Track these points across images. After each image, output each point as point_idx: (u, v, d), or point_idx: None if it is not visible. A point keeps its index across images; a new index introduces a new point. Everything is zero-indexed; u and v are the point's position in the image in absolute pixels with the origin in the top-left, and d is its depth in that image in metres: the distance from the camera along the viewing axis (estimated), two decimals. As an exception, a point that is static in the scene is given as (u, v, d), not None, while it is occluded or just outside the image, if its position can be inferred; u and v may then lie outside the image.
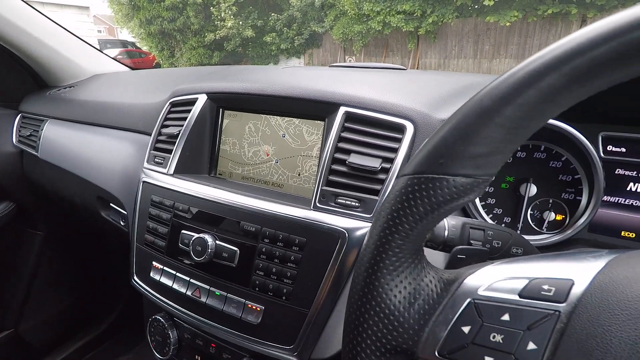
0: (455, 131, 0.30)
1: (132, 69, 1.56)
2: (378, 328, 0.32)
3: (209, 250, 0.64)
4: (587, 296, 0.28)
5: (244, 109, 0.80)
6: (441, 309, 0.32)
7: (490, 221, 0.68)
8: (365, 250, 0.34)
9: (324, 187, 0.62)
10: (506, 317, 0.29)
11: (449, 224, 0.46)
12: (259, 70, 0.91)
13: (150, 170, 0.81)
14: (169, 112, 0.86)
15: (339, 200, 0.60)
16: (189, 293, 0.69)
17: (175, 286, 0.71)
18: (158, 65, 13.83)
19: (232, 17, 12.21)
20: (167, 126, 0.84)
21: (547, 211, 0.65)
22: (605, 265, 0.29)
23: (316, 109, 0.69)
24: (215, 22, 12.49)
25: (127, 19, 13.33)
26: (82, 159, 1.07)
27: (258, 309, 0.62)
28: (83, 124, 1.14)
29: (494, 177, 0.32)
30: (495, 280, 0.31)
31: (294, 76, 0.79)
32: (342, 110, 0.64)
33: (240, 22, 12.40)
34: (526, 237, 0.64)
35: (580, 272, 0.30)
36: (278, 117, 0.75)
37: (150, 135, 0.87)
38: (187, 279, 0.69)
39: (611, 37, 0.25)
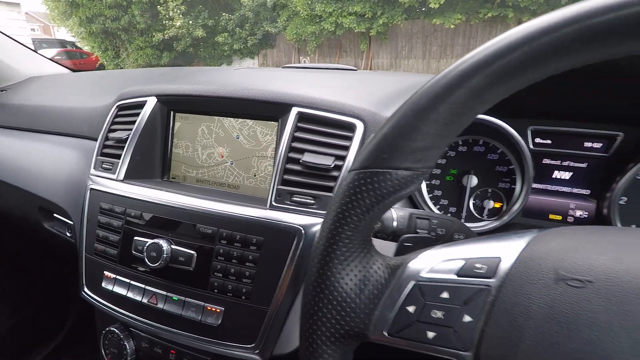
0: (396, 128, 0.33)
1: (73, 70, 1.48)
2: (332, 315, 0.34)
3: (164, 255, 0.63)
4: (512, 270, 0.31)
5: (196, 111, 0.79)
6: (389, 292, 0.34)
7: (437, 212, 0.73)
8: (317, 243, 0.36)
9: (280, 186, 0.63)
10: (445, 294, 0.33)
11: (397, 215, 0.49)
12: (210, 72, 0.90)
13: (98, 176, 0.78)
14: (116, 115, 0.83)
15: (294, 199, 0.62)
16: (144, 301, 0.67)
17: (130, 295, 0.68)
18: (102, 66, 13.04)
19: (181, 16, 11.79)
20: (114, 130, 0.81)
21: (487, 200, 0.70)
22: (527, 243, 0.33)
23: (269, 110, 0.70)
24: (164, 22, 12.00)
25: (64, 16, 12.43)
26: (20, 168, 1.00)
27: (218, 310, 0.62)
28: (19, 130, 1.07)
29: (431, 170, 0.35)
30: (436, 263, 0.35)
31: (247, 78, 0.80)
32: (294, 110, 0.66)
33: (190, 22, 12.01)
34: (469, 224, 0.70)
35: (506, 250, 0.33)
36: (231, 118, 0.76)
37: (96, 140, 0.83)
38: (143, 286, 0.68)
39: (523, 43, 0.28)
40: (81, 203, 0.79)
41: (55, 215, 0.94)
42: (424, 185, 0.74)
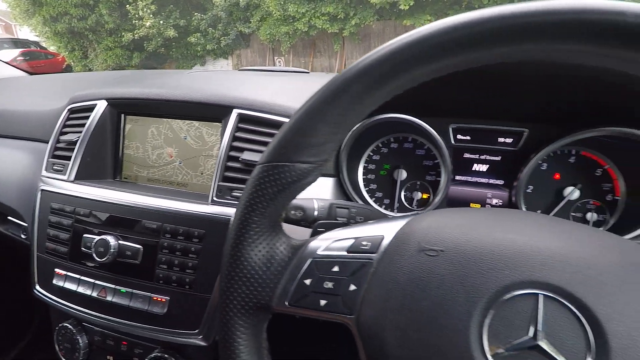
0: (294, 127, 0.39)
1: (30, 73, 1.47)
2: (242, 290, 0.40)
3: (112, 250, 0.67)
4: (390, 245, 0.38)
5: (146, 113, 0.82)
6: (290, 269, 0.40)
7: (374, 204, 0.80)
8: (231, 227, 0.41)
9: (220, 183, 0.68)
10: (336, 268, 0.38)
11: (319, 205, 0.55)
12: (160, 76, 0.94)
13: (49, 178, 0.81)
14: (68, 118, 0.85)
15: (234, 194, 0.67)
16: (94, 294, 0.70)
17: (80, 289, 0.71)
18: (69, 67, 12.60)
19: (151, 16, 11.55)
20: (65, 133, 0.83)
21: (416, 191, 0.77)
22: (406, 223, 0.40)
23: (213, 111, 0.74)
24: (133, 21, 11.72)
25: (27, 15, 11.95)
26: (-29, 172, 1.00)
27: (163, 300, 0.66)
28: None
29: (328, 162, 0.41)
30: (331, 242, 0.40)
31: (193, 81, 0.84)
32: (235, 112, 0.71)
33: (161, 22, 11.78)
34: (402, 214, 0.76)
35: (389, 229, 0.40)
36: (179, 120, 0.80)
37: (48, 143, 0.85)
38: (92, 281, 0.71)
39: (391, 56, 0.34)
40: (34, 205, 0.81)
41: (9, 218, 0.95)
42: (360, 180, 0.80)
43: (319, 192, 0.72)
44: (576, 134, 0.63)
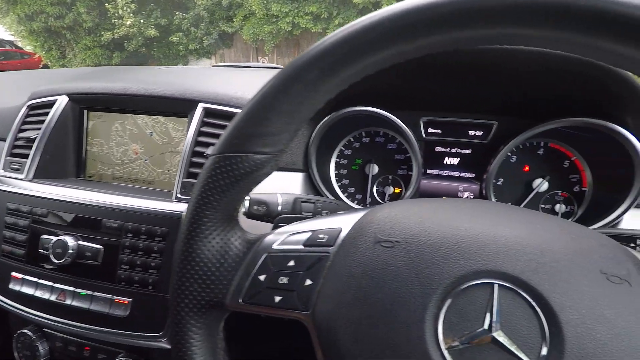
0: (245, 116, 0.37)
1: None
2: (194, 288, 0.38)
3: (70, 251, 0.64)
4: (346, 238, 0.36)
5: (109, 109, 0.79)
6: (245, 264, 0.38)
7: (346, 200, 0.78)
8: (183, 221, 0.39)
9: (185, 179, 0.65)
10: (292, 263, 0.37)
11: (282, 200, 0.53)
12: (125, 71, 0.91)
13: (6, 177, 0.77)
14: (27, 115, 0.82)
15: (198, 190, 0.64)
16: (52, 298, 0.67)
17: (38, 293, 0.68)
18: (46, 67, 12.26)
19: (131, 15, 11.33)
20: (24, 130, 0.80)
21: (388, 186, 0.77)
22: (364, 214, 0.38)
23: (178, 106, 0.72)
24: (113, 20, 11.47)
25: (0, 13, 11.56)
26: None
27: (126, 302, 0.63)
28: None
29: (283, 153, 0.39)
30: (287, 235, 0.39)
31: (158, 76, 0.81)
32: (200, 106, 0.69)
33: (142, 21, 11.56)
34: (362, 207, 0.75)
35: (347, 221, 0.38)
36: (144, 116, 0.77)
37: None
38: (50, 284, 0.68)
39: (343, 42, 0.33)
40: (-10, 206, 0.77)
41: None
42: (332, 175, 0.79)
43: (288, 188, 0.70)
44: (541, 126, 0.63)
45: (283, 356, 0.71)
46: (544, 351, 0.27)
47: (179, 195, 0.65)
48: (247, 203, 0.52)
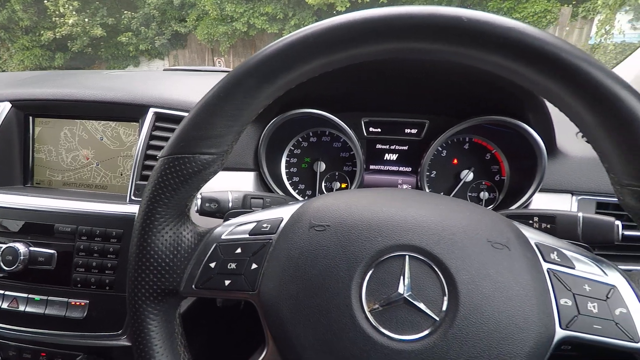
0: (191, 121, 0.41)
1: None
2: (150, 278, 0.41)
3: (21, 257, 0.64)
4: (286, 225, 0.42)
5: (57, 115, 0.79)
6: (197, 254, 0.42)
7: (297, 196, 0.84)
8: (137, 218, 0.42)
9: (138, 182, 0.68)
10: (239, 250, 0.41)
11: (233, 197, 0.57)
12: (72, 76, 0.90)
13: (-54, 187, 0.75)
14: (-33, 123, 0.79)
15: (153, 192, 0.67)
16: (4, 306, 0.67)
17: (-12, 303, 0.67)
18: (-23, 69, 11.26)
19: (74, 13, 10.69)
20: (-36, 138, 0.77)
21: (335, 181, 0.83)
22: (301, 205, 0.44)
23: (129, 111, 0.74)
24: (53, 19, 10.77)
25: None
26: None
27: (82, 303, 0.65)
28: None
29: (228, 153, 0.43)
30: (235, 227, 0.44)
31: (107, 81, 0.82)
32: (151, 111, 0.71)
33: (86, 19, 10.95)
34: (302, 199, 0.81)
35: (288, 211, 0.43)
36: (94, 121, 0.78)
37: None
38: (1, 292, 0.67)
39: (276, 55, 0.37)
40: None
41: None
42: (283, 173, 0.84)
43: (241, 186, 0.74)
44: (463, 123, 0.72)
45: (239, 344, 0.75)
46: (444, 306, 0.34)
47: (132, 198, 0.67)
48: (199, 201, 0.56)
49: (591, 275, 0.37)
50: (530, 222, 0.55)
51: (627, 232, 0.62)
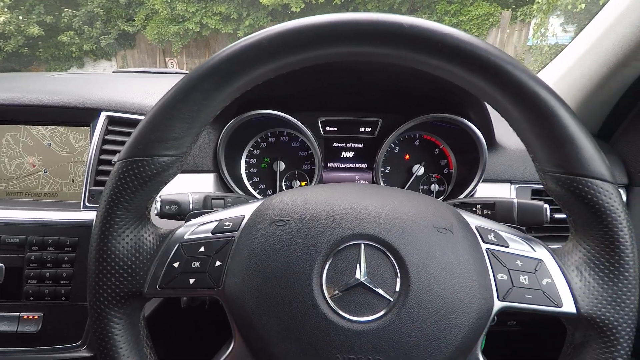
0: (149, 123, 0.41)
1: None
2: (112, 282, 0.41)
3: (-36, 273, 0.60)
4: (248, 222, 0.43)
5: (-3, 121, 0.75)
6: (159, 255, 0.43)
7: (258, 196, 0.85)
8: (95, 222, 0.42)
9: (92, 188, 0.66)
10: (202, 249, 0.42)
11: (193, 198, 0.58)
12: (12, 79, 0.86)
13: None
14: None
15: (108, 197, 0.66)
16: (-54, 326, 0.62)
17: None
18: None
19: (5, 10, 9.85)
20: None
21: (295, 180, 0.85)
22: (262, 202, 0.46)
23: (79, 115, 0.71)
24: (-19, 16, 9.86)
25: None
26: None
27: (36, 317, 0.62)
28: None
29: (187, 155, 0.44)
30: (197, 226, 0.44)
31: (52, 84, 0.79)
32: (103, 115, 0.69)
33: (20, 17, 10.12)
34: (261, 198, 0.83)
35: (250, 209, 0.45)
36: (40, 126, 0.74)
37: None
38: (-58, 311, 0.63)
39: (231, 58, 0.39)
40: None
41: None
42: (243, 173, 0.85)
43: (201, 188, 0.74)
44: (412, 121, 0.77)
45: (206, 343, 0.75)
46: (397, 287, 0.37)
47: (87, 204, 0.65)
48: (158, 204, 0.56)
49: (522, 252, 0.42)
50: (474, 209, 0.61)
51: (556, 215, 0.70)
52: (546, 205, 0.57)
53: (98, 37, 10.83)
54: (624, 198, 0.78)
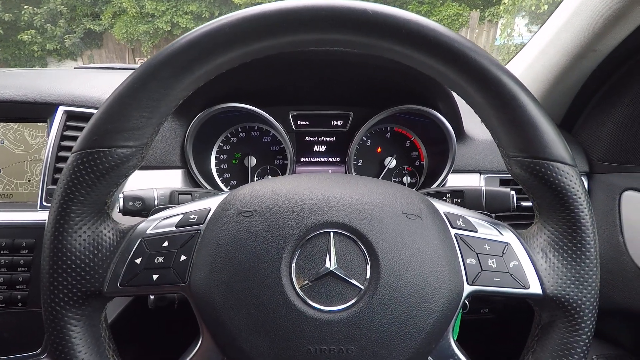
0: (105, 113, 0.39)
1: None
2: (68, 281, 0.39)
3: None
4: (214, 214, 0.41)
5: (-57, 118, 0.70)
6: (120, 252, 0.41)
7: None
8: (49, 218, 0.39)
9: (50, 186, 0.63)
10: (166, 243, 0.41)
11: (158, 194, 0.56)
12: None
13: None
14: None
15: (68, 196, 0.62)
16: None
17: None
18: None
19: (-41, 7, 9.30)
20: None
21: (267, 175, 0.84)
22: (228, 193, 0.44)
23: (35, 111, 0.67)
24: None
25: None
26: None
27: (-11, 325, 0.58)
28: None
29: (148, 146, 0.42)
30: (160, 220, 0.43)
31: (6, 79, 0.74)
32: (61, 109, 0.66)
33: (-24, 15, 9.59)
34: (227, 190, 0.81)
35: (216, 201, 0.43)
36: (-9, 123, 0.70)
37: None
38: None
39: (190, 46, 0.37)
40: None
41: None
42: (214, 169, 0.83)
43: (169, 184, 0.72)
44: (382, 113, 0.77)
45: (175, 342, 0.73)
46: (368, 274, 0.36)
47: (44, 204, 0.62)
48: (121, 200, 0.53)
49: (490, 236, 0.43)
50: (444, 198, 0.62)
51: (523, 203, 0.72)
52: (512, 192, 0.59)
53: (62, 36, 10.38)
54: (586, 185, 0.81)
